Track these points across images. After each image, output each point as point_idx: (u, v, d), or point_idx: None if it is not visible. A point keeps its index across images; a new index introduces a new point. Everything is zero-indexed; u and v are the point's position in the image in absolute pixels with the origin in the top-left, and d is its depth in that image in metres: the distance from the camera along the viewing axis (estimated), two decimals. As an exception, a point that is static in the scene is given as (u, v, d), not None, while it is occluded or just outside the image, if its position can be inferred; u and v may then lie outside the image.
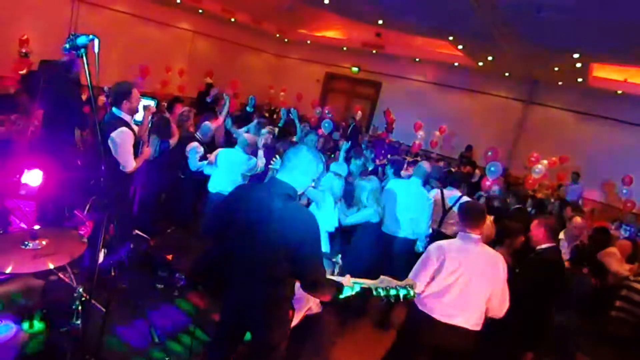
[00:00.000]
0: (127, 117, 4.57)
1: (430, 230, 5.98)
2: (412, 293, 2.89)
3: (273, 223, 2.67)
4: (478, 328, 3.67)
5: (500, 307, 3.68)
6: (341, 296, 2.81)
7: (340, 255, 4.82)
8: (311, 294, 3.06)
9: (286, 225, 2.66)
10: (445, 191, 6.39)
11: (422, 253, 3.95)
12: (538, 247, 4.47)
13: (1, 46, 10.91)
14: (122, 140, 4.42)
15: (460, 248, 3.72)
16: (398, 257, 5.77)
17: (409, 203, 5.81)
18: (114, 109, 4.55)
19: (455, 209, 6.03)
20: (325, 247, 4.96)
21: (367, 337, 5.27)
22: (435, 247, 3.79)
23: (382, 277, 2.93)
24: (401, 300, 2.87)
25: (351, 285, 2.83)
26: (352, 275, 2.92)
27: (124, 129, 4.45)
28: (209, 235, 3.37)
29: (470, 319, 3.64)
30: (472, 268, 3.62)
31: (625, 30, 8.30)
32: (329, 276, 2.86)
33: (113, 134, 4.37)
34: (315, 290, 2.84)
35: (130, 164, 4.56)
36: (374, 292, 2.87)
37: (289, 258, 2.65)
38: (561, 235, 5.75)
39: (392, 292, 2.86)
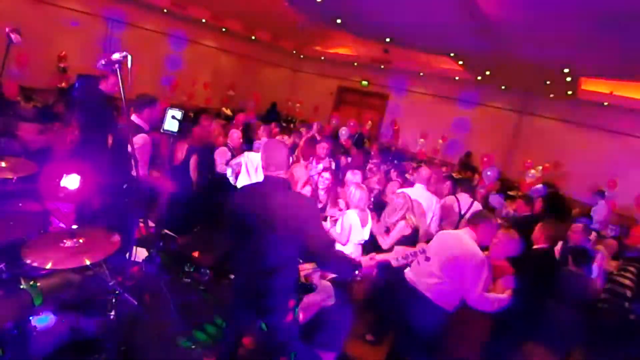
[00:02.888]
0: (144, 125, 4.51)
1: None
2: None
3: (278, 211, 2.73)
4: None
5: None
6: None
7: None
8: (326, 270, 3.36)
9: (289, 210, 2.73)
10: (459, 196, 6.24)
11: None
12: (534, 247, 4.49)
13: (42, 62, 11.06)
14: (139, 146, 4.31)
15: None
16: None
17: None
18: (132, 116, 4.49)
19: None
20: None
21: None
22: None
23: (395, 247, 3.10)
24: None
25: (372, 264, 2.90)
26: None
27: (143, 135, 4.41)
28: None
29: None
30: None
31: (612, 48, 8.22)
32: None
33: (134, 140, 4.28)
34: (328, 264, 2.90)
35: (141, 171, 4.44)
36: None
37: (297, 240, 2.71)
38: None
39: None
